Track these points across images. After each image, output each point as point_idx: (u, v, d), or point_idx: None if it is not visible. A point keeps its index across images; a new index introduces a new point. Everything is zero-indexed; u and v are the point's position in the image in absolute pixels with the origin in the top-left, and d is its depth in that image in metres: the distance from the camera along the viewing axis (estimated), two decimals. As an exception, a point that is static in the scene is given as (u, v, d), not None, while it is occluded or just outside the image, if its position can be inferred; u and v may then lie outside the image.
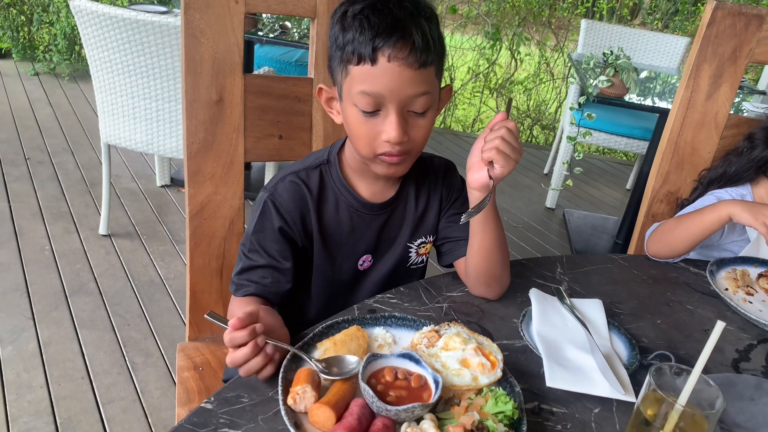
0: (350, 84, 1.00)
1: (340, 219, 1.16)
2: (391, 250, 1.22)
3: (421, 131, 1.03)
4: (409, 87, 0.97)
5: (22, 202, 3.11)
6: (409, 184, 1.20)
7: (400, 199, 1.20)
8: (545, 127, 5.92)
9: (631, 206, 3.38)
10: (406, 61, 0.95)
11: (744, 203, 1.34)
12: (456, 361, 0.88)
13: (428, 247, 1.26)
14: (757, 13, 1.49)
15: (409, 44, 0.95)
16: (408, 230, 1.21)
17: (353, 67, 0.98)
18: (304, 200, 1.12)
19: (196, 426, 0.77)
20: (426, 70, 0.98)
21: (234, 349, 0.83)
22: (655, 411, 0.74)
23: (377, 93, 0.97)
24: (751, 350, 1.14)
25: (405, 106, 0.99)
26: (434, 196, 1.22)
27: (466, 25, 5.87)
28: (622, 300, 1.24)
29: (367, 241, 1.19)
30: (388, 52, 0.94)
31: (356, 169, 1.15)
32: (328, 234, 1.16)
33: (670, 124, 1.62)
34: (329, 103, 1.12)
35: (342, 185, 1.15)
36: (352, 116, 1.03)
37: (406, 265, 1.25)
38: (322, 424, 0.77)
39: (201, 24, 1.21)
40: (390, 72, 0.95)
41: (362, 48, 0.95)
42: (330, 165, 1.16)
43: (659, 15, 6.01)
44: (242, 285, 1.09)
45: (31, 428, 1.85)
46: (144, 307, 2.48)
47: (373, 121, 1.00)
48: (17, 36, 5.27)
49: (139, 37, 2.39)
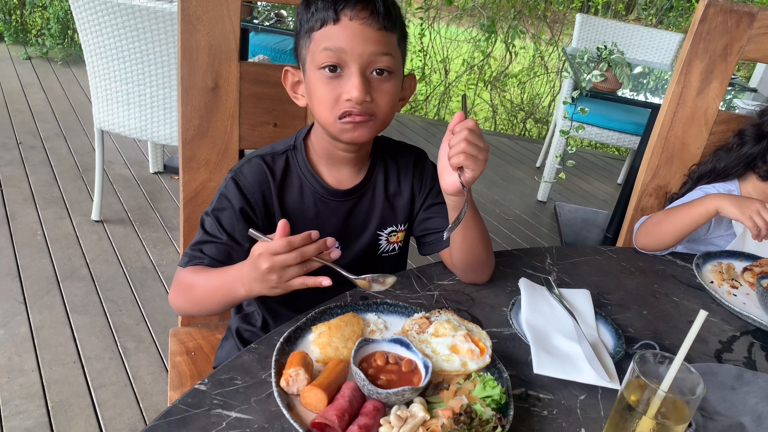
0: (314, 49, 1.02)
1: (305, 204, 1.15)
2: (360, 238, 1.21)
3: (385, 96, 1.04)
4: (370, 45, 0.99)
5: (14, 186, 3.10)
6: (378, 171, 1.20)
7: (368, 186, 1.19)
8: (538, 120, 5.95)
9: (621, 200, 3.40)
10: (367, 21, 0.99)
11: (731, 197, 1.36)
12: (446, 347, 0.90)
13: (400, 235, 1.24)
14: (749, 10, 1.51)
15: (370, 7, 1.00)
16: (377, 218, 1.20)
17: (316, 33, 1.01)
18: (266, 183, 1.12)
19: (190, 407, 0.79)
20: (387, 33, 1.01)
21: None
22: (638, 397, 0.76)
23: (339, 47, 0.99)
24: (734, 342, 1.17)
25: (367, 67, 1.01)
26: (405, 184, 1.21)
27: (461, 17, 5.87)
28: (610, 291, 1.27)
29: (332, 227, 1.17)
30: (350, 13, 0.99)
31: (322, 155, 1.15)
32: (292, 219, 1.12)
33: (660, 119, 1.64)
34: (294, 88, 1.13)
35: (307, 170, 1.14)
36: (315, 81, 1.03)
37: (377, 253, 1.23)
38: (314, 406, 0.79)
39: (197, 11, 1.22)
40: (351, 28, 0.99)
41: (325, 12, 1.00)
42: (296, 150, 1.16)
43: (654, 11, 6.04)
44: (195, 257, 1.07)
45: (22, 411, 1.86)
46: (136, 293, 2.48)
47: (335, 83, 1.01)
48: (9, 19, 5.22)
49: (134, 23, 2.38)
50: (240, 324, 1.29)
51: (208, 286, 1.02)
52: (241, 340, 1.28)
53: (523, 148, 4.97)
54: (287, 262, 0.86)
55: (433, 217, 1.21)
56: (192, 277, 1.04)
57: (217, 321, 1.46)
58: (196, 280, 1.04)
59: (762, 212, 1.29)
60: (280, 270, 0.87)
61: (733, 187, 1.56)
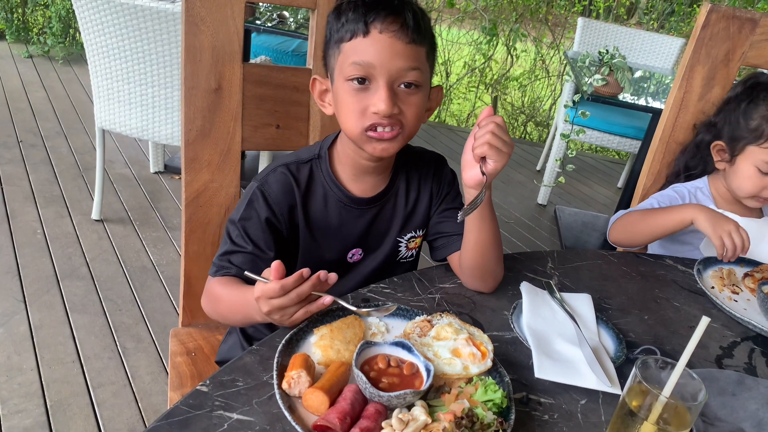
0: (343, 61, 1.03)
1: (329, 213, 1.17)
2: (382, 245, 1.23)
3: (412, 109, 1.04)
4: (399, 59, 1.00)
5: (14, 185, 3.10)
6: (400, 179, 1.22)
7: (390, 194, 1.21)
8: (539, 123, 5.95)
9: (621, 204, 3.40)
10: (396, 34, 0.99)
11: (708, 213, 1.37)
12: (447, 351, 0.90)
13: (418, 241, 1.27)
14: (751, 17, 1.52)
15: (400, 20, 1.00)
16: (398, 224, 1.23)
17: (346, 44, 1.02)
18: (292, 193, 1.13)
19: (191, 408, 0.79)
20: (416, 47, 1.02)
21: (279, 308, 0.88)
22: (640, 402, 0.76)
23: (368, 62, 1.00)
24: (735, 347, 1.17)
25: (395, 80, 1.02)
26: (425, 190, 1.24)
27: (463, 20, 5.88)
28: (611, 295, 1.27)
29: (356, 235, 1.20)
30: (380, 26, 0.99)
31: (347, 164, 1.16)
32: (316, 227, 1.17)
33: (662, 124, 1.64)
34: (322, 96, 1.14)
35: (331, 180, 1.16)
36: (343, 93, 1.04)
37: (396, 258, 1.26)
38: (316, 409, 0.79)
39: (201, 12, 1.22)
40: (381, 42, 0.99)
41: (355, 24, 1.00)
42: (320, 160, 1.17)
43: (655, 15, 6.04)
44: (223, 266, 1.10)
45: (21, 410, 1.86)
46: (136, 292, 2.48)
47: (363, 95, 1.02)
48: (11, 17, 5.23)
49: (136, 23, 2.38)
50: None
51: (230, 303, 1.05)
52: (245, 335, 1.29)
53: (523, 152, 4.97)
54: (284, 305, 0.87)
55: (446, 221, 1.23)
56: (219, 290, 1.07)
57: (218, 322, 1.46)
58: (222, 294, 1.06)
59: (734, 235, 1.32)
60: (279, 311, 0.89)
61: (701, 184, 1.58)
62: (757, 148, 1.43)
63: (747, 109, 1.47)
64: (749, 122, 1.45)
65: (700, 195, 1.56)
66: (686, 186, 1.58)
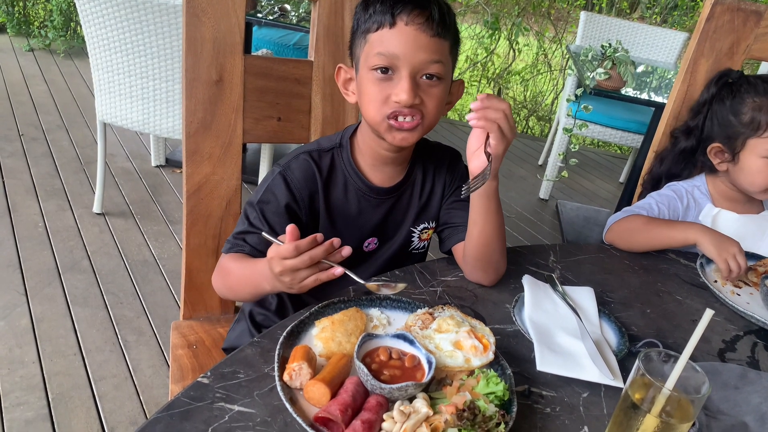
0: (368, 51, 1.05)
1: (348, 201, 1.19)
2: (396, 234, 1.25)
3: (433, 100, 1.06)
4: (423, 52, 1.02)
5: (16, 178, 3.10)
6: (417, 170, 1.24)
7: (407, 185, 1.23)
8: (541, 118, 5.94)
9: (623, 199, 3.39)
10: (422, 27, 1.01)
11: (712, 235, 1.36)
12: (449, 343, 0.89)
13: (430, 233, 1.29)
14: (756, 9, 1.51)
15: (426, 14, 1.02)
16: (413, 215, 1.25)
17: (372, 35, 1.04)
18: (313, 179, 1.15)
19: (192, 399, 0.79)
20: (440, 40, 1.03)
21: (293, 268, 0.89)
22: (643, 395, 0.75)
23: (392, 53, 1.02)
24: (737, 341, 1.16)
25: (418, 72, 1.03)
26: (439, 183, 1.26)
27: (465, 14, 5.86)
28: (613, 289, 1.26)
29: (373, 224, 1.22)
30: (406, 18, 1.01)
31: (367, 154, 1.18)
32: (336, 215, 1.19)
33: (665, 117, 1.63)
34: (346, 85, 1.16)
35: (352, 169, 1.18)
36: (366, 82, 1.06)
37: (408, 249, 1.28)
38: (317, 401, 0.79)
39: (203, 3, 1.21)
40: (406, 34, 1.01)
41: (382, 16, 1.02)
42: (342, 149, 1.19)
43: (658, 9, 6.02)
44: (237, 244, 1.12)
45: (22, 402, 1.86)
46: (137, 286, 2.48)
47: (385, 84, 1.04)
48: (12, 10, 5.22)
49: (137, 16, 2.37)
50: (253, 307, 1.31)
51: (240, 275, 1.07)
52: (254, 323, 1.30)
53: (525, 146, 4.96)
54: (297, 266, 0.89)
55: (453, 211, 1.25)
56: (230, 264, 1.10)
57: (219, 314, 1.46)
58: (232, 267, 1.09)
59: (738, 257, 1.31)
60: (291, 273, 0.90)
61: (699, 182, 1.57)
62: (758, 139, 1.42)
63: (733, 104, 1.47)
64: (741, 117, 1.44)
65: (697, 193, 1.55)
66: (683, 185, 1.57)
